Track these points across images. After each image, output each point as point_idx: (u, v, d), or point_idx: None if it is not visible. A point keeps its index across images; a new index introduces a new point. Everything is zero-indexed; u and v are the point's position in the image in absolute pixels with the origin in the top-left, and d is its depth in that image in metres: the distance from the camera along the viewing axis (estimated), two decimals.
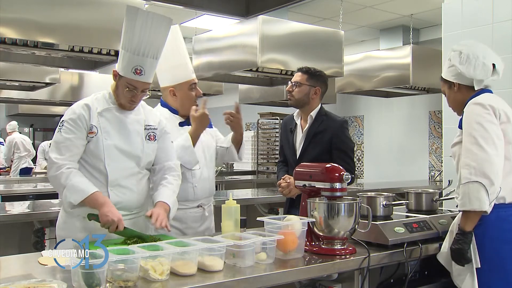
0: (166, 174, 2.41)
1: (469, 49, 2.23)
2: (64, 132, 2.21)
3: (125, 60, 2.22)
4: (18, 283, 1.50)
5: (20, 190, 5.39)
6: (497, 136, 2.04)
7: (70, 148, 2.20)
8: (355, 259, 2.00)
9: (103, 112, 2.29)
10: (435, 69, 5.01)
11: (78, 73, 7.30)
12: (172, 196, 2.34)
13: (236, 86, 7.31)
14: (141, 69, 2.20)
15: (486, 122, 2.06)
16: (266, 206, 4.51)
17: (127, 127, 2.33)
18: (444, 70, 2.36)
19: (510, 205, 2.05)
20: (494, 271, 2.04)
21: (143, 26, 2.18)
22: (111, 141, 2.26)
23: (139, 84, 2.24)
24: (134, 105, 2.33)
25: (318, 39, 4.92)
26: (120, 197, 2.27)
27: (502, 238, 2.04)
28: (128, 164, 2.31)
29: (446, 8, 3.43)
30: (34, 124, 12.22)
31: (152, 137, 2.39)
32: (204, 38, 5.14)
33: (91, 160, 2.26)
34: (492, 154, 2.00)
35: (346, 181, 2.08)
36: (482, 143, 2.02)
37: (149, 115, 2.44)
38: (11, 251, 3.23)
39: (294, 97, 2.87)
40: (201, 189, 2.72)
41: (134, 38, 2.18)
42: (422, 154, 7.91)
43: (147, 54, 2.20)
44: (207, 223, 2.77)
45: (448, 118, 3.34)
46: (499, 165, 2.01)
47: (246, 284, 1.69)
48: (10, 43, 3.53)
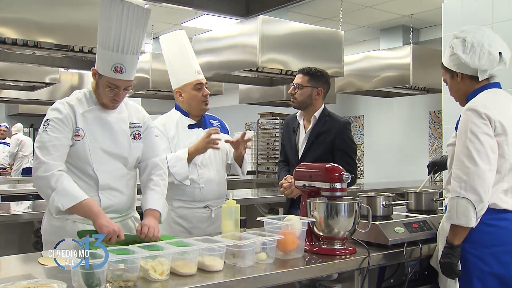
0: (152, 174, 2.32)
1: (474, 36, 2.07)
2: (51, 131, 2.09)
3: (103, 58, 2.09)
4: (18, 283, 1.50)
5: (20, 190, 5.40)
6: (491, 150, 1.96)
7: (58, 148, 2.08)
8: (355, 259, 2.00)
9: (86, 113, 2.18)
10: (435, 69, 4.98)
11: (78, 73, 7.33)
12: (161, 199, 2.27)
13: (236, 86, 7.32)
14: (122, 66, 2.07)
15: (481, 134, 1.96)
16: (266, 206, 4.51)
17: (113, 128, 2.22)
18: (445, 58, 2.19)
19: (490, 210, 1.99)
20: (475, 274, 2.01)
21: (119, 20, 2.03)
22: (98, 144, 2.17)
23: (120, 82, 2.12)
24: (117, 104, 2.22)
25: (318, 39, 4.92)
26: (111, 200, 2.20)
27: (483, 241, 2.00)
28: (116, 166, 2.22)
29: (446, 8, 3.43)
30: (34, 124, 12.20)
31: (137, 136, 2.29)
32: (204, 38, 5.14)
33: (78, 164, 2.16)
34: (484, 170, 1.92)
35: (346, 181, 2.07)
36: (475, 157, 1.93)
37: (133, 112, 2.33)
38: (11, 251, 3.23)
39: (296, 99, 2.86)
40: (208, 191, 2.73)
41: (110, 34, 2.04)
42: (422, 154, 7.91)
43: (126, 51, 2.07)
44: (215, 225, 2.75)
45: (448, 118, 3.34)
46: (490, 181, 1.94)
47: (246, 284, 1.69)
48: (10, 43, 3.53)
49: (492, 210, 2.01)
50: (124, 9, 2.04)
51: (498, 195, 2.03)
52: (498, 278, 2.01)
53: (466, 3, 3.29)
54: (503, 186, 2.04)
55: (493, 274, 2.00)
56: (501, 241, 2.01)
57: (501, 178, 2.04)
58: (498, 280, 2.01)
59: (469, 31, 2.11)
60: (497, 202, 2.02)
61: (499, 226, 2.01)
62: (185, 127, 2.76)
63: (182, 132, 2.73)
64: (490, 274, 2.00)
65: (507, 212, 2.03)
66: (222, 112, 11.03)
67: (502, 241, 2.01)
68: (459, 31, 2.15)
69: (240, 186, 6.60)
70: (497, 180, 2.03)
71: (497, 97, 2.11)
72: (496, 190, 2.03)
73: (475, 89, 2.12)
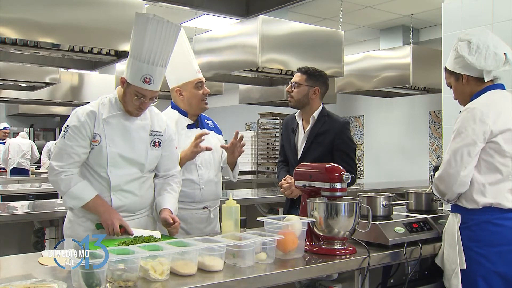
0: (170, 180, 2.45)
1: (479, 38, 2.10)
2: (67, 139, 2.22)
3: (134, 68, 2.20)
4: (18, 283, 1.50)
5: (20, 190, 5.40)
6: (468, 154, 2.04)
7: (71, 156, 2.22)
8: (355, 259, 2.00)
9: (108, 119, 2.27)
10: (435, 69, 5.02)
11: (78, 73, 7.31)
12: (176, 204, 2.41)
13: (236, 86, 7.32)
14: (151, 77, 2.19)
15: (466, 137, 2.04)
16: (266, 206, 4.51)
17: (132, 134, 2.32)
18: (450, 61, 2.23)
19: (496, 209, 2.03)
20: (479, 273, 2.04)
21: (153, 35, 2.16)
22: (116, 148, 2.26)
23: (147, 92, 2.22)
24: (141, 112, 2.32)
25: (318, 39, 4.93)
26: (122, 201, 2.29)
27: (489, 240, 2.04)
28: (131, 171, 2.32)
29: (446, 8, 3.43)
30: (34, 124, 12.23)
31: (157, 144, 2.39)
32: (204, 38, 5.15)
33: (94, 166, 2.27)
34: (457, 170, 2.04)
35: (346, 181, 2.07)
36: (451, 156, 2.06)
37: (156, 120, 2.42)
38: (11, 251, 3.23)
39: (293, 98, 2.86)
40: (207, 191, 2.73)
41: (144, 47, 2.16)
42: (422, 154, 7.91)
43: (156, 63, 2.18)
44: (213, 226, 2.78)
45: (448, 118, 3.34)
46: (457, 180, 2.05)
47: (246, 284, 1.69)
48: (10, 43, 3.54)
49: (497, 210, 2.04)
50: (158, 25, 2.17)
51: (504, 195, 2.05)
52: (502, 277, 2.03)
53: (466, 3, 3.29)
54: (509, 185, 2.07)
55: (497, 273, 2.03)
56: (507, 240, 2.03)
57: (506, 177, 2.07)
58: (502, 279, 2.03)
59: (473, 34, 2.14)
60: (503, 201, 2.04)
61: (505, 226, 2.04)
62: (184, 127, 2.75)
63: (182, 132, 2.72)
64: (494, 273, 2.03)
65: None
66: (222, 112, 11.05)
67: (509, 240, 2.03)
68: (463, 34, 2.18)
69: (240, 186, 6.60)
70: (499, 179, 2.06)
71: (500, 98, 2.14)
72: (501, 189, 2.05)
73: (479, 90, 2.15)
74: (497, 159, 2.05)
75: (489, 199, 2.04)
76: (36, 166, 8.98)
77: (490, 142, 2.04)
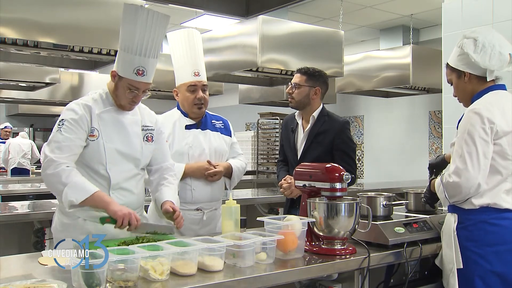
0: (165, 174, 2.42)
1: (485, 37, 2.08)
2: (65, 132, 2.14)
3: (125, 61, 2.17)
4: (18, 283, 1.50)
5: (20, 190, 5.39)
6: (484, 155, 1.99)
7: (71, 148, 2.13)
8: (355, 259, 2.00)
9: (102, 114, 2.23)
10: (435, 69, 5.02)
11: (78, 73, 7.31)
12: (175, 195, 2.38)
13: (236, 86, 7.32)
14: (143, 69, 2.17)
15: (478, 138, 2.00)
16: (266, 206, 4.51)
17: (126, 129, 2.29)
18: (452, 58, 2.20)
19: (492, 209, 2.04)
20: (476, 273, 2.04)
21: (143, 26, 2.14)
22: (112, 144, 2.23)
23: (141, 85, 2.20)
24: (134, 105, 2.30)
25: (318, 39, 4.92)
26: (121, 200, 2.24)
27: (486, 240, 2.04)
28: (128, 167, 2.29)
29: (446, 8, 3.43)
30: (34, 124, 12.23)
31: (149, 138, 2.37)
32: (204, 38, 5.08)
33: (91, 163, 2.21)
34: (472, 173, 1.98)
35: (346, 181, 2.07)
36: (467, 159, 1.99)
37: (145, 115, 2.41)
38: (11, 251, 3.23)
39: (294, 99, 2.86)
40: (199, 193, 2.71)
41: (134, 38, 2.14)
42: (422, 154, 7.91)
43: (148, 55, 2.17)
44: (208, 228, 2.73)
45: (448, 118, 3.34)
46: (475, 183, 1.99)
47: (246, 284, 1.69)
48: (10, 43, 3.53)
49: (494, 210, 2.05)
50: (148, 16, 2.15)
51: (500, 195, 2.06)
52: (500, 277, 2.03)
53: (466, 3, 3.29)
54: (506, 186, 2.07)
55: (494, 273, 2.03)
56: (504, 240, 2.04)
57: (504, 179, 2.07)
58: (499, 279, 2.03)
59: (480, 32, 2.13)
60: (499, 202, 2.05)
61: (501, 225, 2.04)
62: (182, 127, 2.73)
63: (179, 132, 2.71)
64: (491, 272, 2.03)
65: (509, 212, 2.06)
66: (222, 112, 10.99)
67: (505, 240, 2.04)
68: (469, 31, 2.16)
69: (240, 186, 6.58)
70: (499, 180, 2.07)
71: (502, 99, 2.13)
72: (498, 190, 2.06)
73: (481, 90, 2.14)
74: (499, 161, 2.05)
75: (486, 200, 2.05)
76: (36, 166, 8.97)
77: (494, 145, 2.04)
